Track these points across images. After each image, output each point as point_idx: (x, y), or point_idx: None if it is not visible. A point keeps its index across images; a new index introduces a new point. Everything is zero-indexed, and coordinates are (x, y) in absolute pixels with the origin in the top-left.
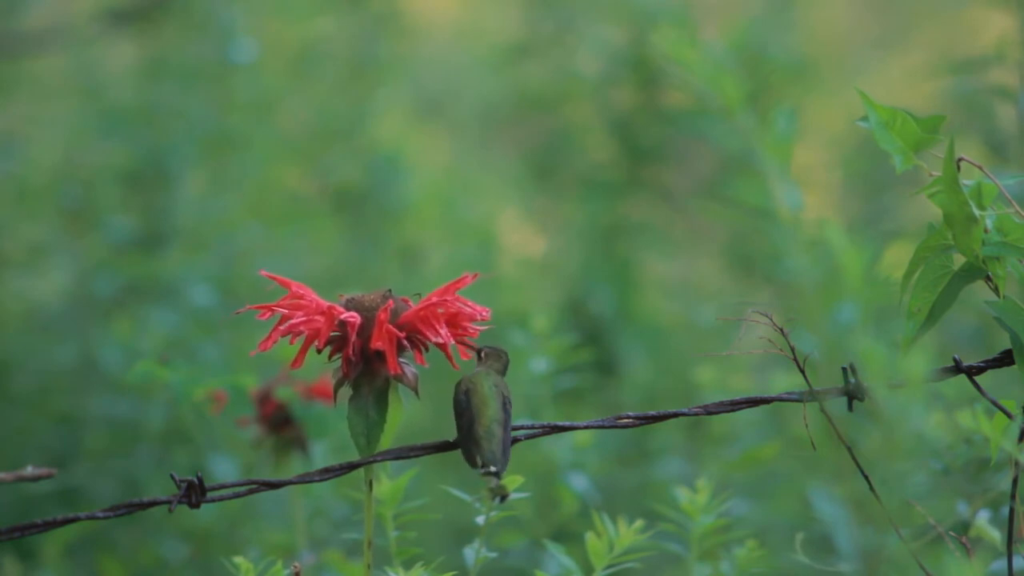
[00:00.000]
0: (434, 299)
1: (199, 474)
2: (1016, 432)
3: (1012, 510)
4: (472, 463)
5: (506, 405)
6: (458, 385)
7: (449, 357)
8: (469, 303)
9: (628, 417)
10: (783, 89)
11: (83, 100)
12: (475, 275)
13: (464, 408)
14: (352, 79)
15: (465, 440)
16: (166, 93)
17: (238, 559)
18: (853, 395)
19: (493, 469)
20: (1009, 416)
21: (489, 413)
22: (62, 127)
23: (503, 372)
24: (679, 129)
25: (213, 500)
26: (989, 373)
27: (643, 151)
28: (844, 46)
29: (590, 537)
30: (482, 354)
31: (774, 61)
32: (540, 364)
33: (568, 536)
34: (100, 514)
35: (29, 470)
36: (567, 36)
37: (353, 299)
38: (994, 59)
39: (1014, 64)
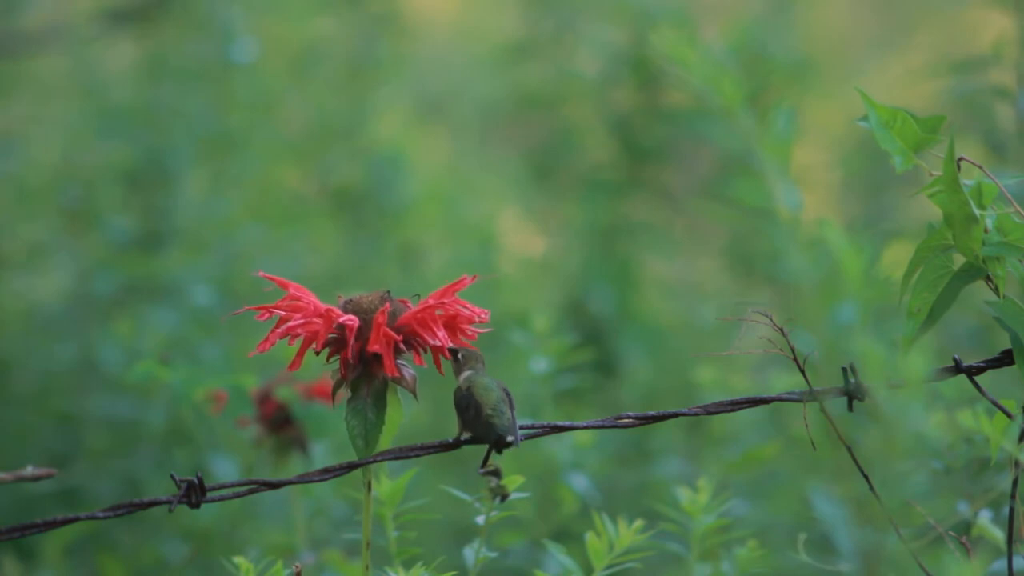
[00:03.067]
0: (432, 301)
1: (199, 474)
2: (1016, 432)
3: (1012, 510)
4: (489, 440)
5: (507, 393)
6: (458, 386)
7: (437, 363)
8: (468, 305)
9: (628, 417)
10: (783, 89)
11: (83, 100)
12: (474, 277)
13: (468, 401)
14: (352, 79)
15: (475, 425)
16: (166, 93)
17: (238, 559)
18: (853, 395)
19: (510, 439)
20: (1009, 416)
21: (493, 396)
22: (62, 127)
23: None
24: (679, 129)
25: (213, 500)
26: (989, 373)
27: (643, 151)
28: (844, 46)
29: (590, 537)
30: (459, 356)
31: (774, 61)
32: (540, 364)
33: (568, 536)
34: (100, 514)
35: (29, 470)
36: (567, 36)
37: (351, 301)
38: (993, 59)
39: (1013, 64)
